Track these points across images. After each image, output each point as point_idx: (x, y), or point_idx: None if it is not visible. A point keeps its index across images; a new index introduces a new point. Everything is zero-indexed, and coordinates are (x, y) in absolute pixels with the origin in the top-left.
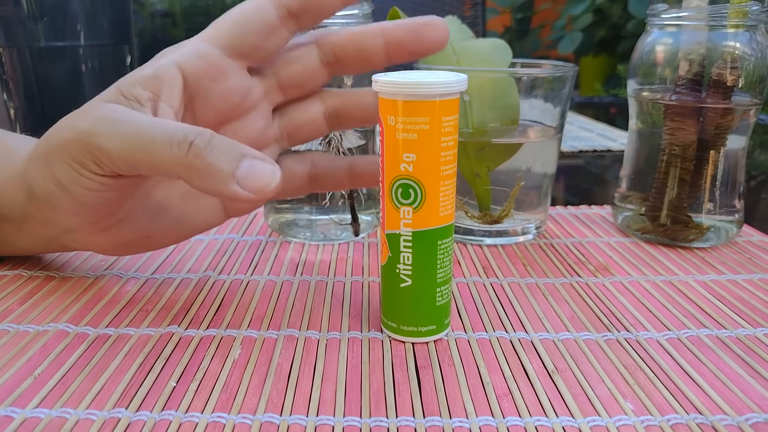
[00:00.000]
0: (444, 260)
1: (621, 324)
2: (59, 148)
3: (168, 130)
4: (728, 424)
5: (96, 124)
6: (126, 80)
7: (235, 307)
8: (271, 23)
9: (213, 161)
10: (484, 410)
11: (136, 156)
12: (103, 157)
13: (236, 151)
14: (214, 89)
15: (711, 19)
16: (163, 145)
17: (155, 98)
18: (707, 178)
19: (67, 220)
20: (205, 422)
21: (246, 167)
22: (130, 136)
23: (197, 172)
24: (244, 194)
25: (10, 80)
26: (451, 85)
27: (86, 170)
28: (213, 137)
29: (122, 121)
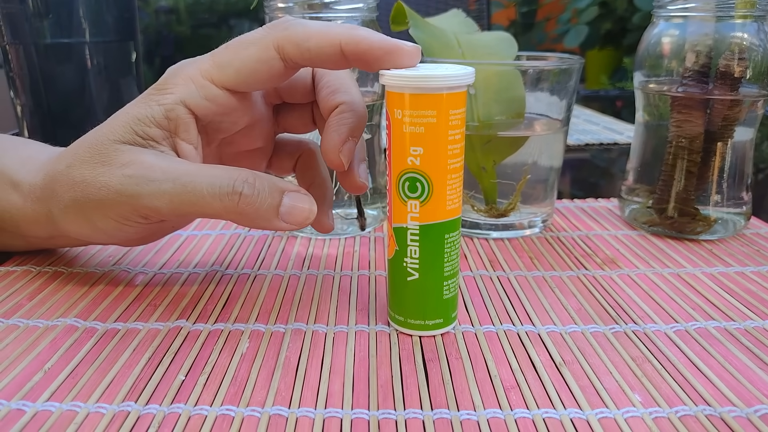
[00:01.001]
0: (451, 254)
1: (628, 316)
2: (99, 205)
3: (213, 183)
4: (737, 416)
5: (136, 185)
6: (137, 119)
7: (242, 302)
8: (277, 73)
9: (260, 205)
10: (492, 403)
11: (186, 209)
12: (155, 215)
13: (277, 188)
14: (225, 121)
15: (718, 9)
16: (212, 199)
17: (171, 136)
18: (714, 171)
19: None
20: (214, 415)
21: (288, 203)
22: (177, 194)
23: (247, 216)
24: (289, 227)
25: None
26: (459, 78)
27: (131, 221)
28: (256, 181)
29: (163, 179)
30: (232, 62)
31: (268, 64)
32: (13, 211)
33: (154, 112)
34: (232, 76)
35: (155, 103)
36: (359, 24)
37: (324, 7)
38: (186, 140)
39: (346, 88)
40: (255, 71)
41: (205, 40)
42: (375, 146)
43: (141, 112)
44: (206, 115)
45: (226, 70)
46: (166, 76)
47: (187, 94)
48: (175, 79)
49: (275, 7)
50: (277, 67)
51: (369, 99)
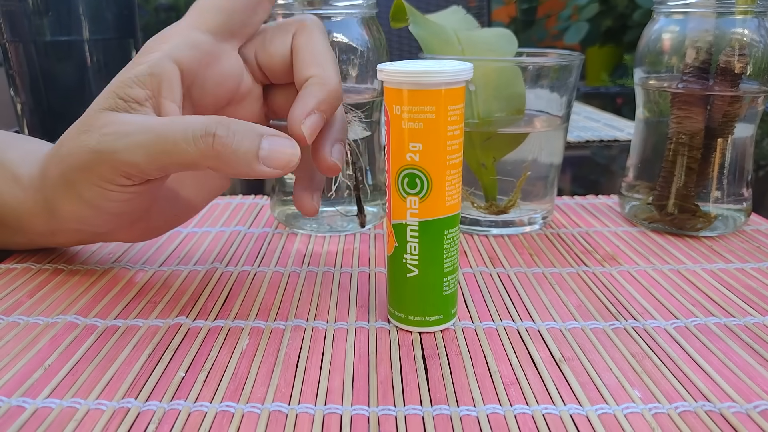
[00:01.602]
0: (451, 250)
1: (628, 313)
2: (81, 170)
3: (186, 128)
4: (736, 412)
5: (112, 142)
6: (120, 81)
7: (242, 299)
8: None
9: (237, 147)
10: (492, 399)
11: (163, 160)
12: (133, 170)
13: (255, 132)
14: (211, 76)
15: (718, 5)
16: (186, 144)
17: (155, 95)
18: (715, 167)
19: (99, 228)
20: (214, 411)
21: (267, 147)
22: (151, 143)
23: (225, 159)
24: (270, 171)
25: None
26: (457, 73)
27: (115, 185)
28: (230, 123)
29: (137, 131)
30: (213, 3)
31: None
32: (15, 204)
33: (137, 72)
34: (213, 15)
35: (139, 63)
36: (359, 20)
37: (323, 4)
38: (169, 98)
39: (320, 62)
40: (234, 5)
41: None
42: (374, 143)
43: (125, 75)
44: (191, 65)
45: (208, 12)
46: (151, 39)
47: (173, 46)
48: (161, 38)
49: (275, 3)
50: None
51: (368, 96)
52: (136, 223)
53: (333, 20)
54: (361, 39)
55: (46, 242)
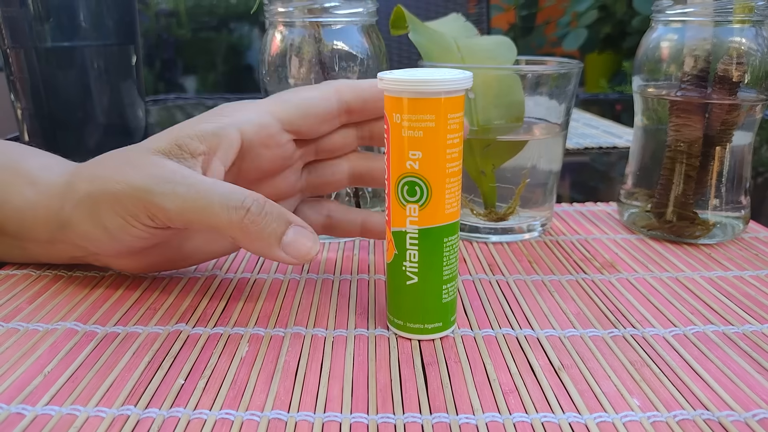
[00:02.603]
0: (450, 257)
1: (627, 320)
2: (112, 199)
3: (225, 195)
4: (735, 420)
5: (153, 183)
6: (184, 131)
7: (242, 306)
8: (331, 114)
9: (264, 227)
10: (491, 407)
11: (193, 216)
12: (161, 215)
13: (284, 218)
14: (265, 155)
15: (716, 14)
16: (221, 209)
17: (210, 153)
18: (713, 175)
19: (100, 251)
20: (214, 419)
21: (291, 235)
22: (190, 198)
23: (249, 235)
24: (287, 259)
25: (17, 81)
26: (457, 82)
27: (139, 222)
28: (266, 204)
29: (180, 182)
30: (293, 98)
31: (325, 100)
32: (23, 207)
33: (202, 128)
34: (291, 108)
35: (207, 122)
36: (359, 28)
37: (324, 12)
38: (220, 160)
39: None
40: (312, 107)
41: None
42: (374, 150)
43: (189, 128)
44: (253, 140)
45: (287, 104)
46: (227, 104)
47: (245, 118)
48: (235, 107)
49: (275, 11)
50: (332, 105)
51: None
52: (134, 256)
53: (333, 28)
54: (361, 47)
55: (41, 253)
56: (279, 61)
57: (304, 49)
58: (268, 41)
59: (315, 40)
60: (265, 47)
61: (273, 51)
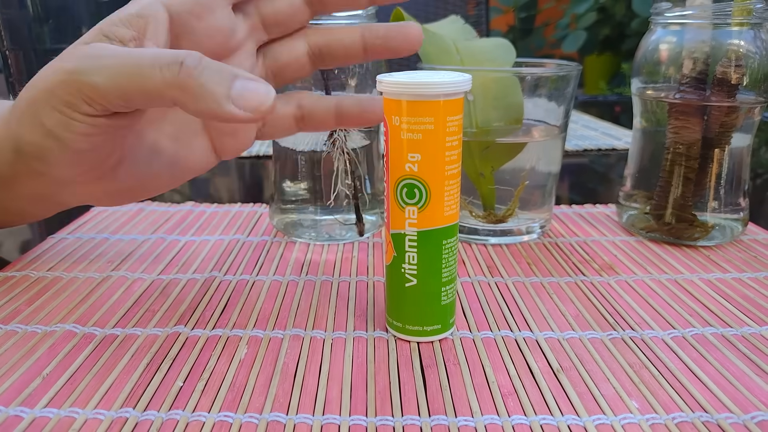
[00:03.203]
0: (449, 260)
1: (626, 323)
2: (46, 93)
3: (155, 54)
4: (734, 423)
5: (82, 63)
6: (108, 20)
7: (240, 307)
8: None
9: (206, 81)
10: (490, 409)
11: (126, 86)
12: (94, 93)
13: (228, 71)
14: (200, 27)
15: (715, 17)
16: (152, 69)
17: (140, 37)
18: (712, 177)
19: (61, 171)
20: (212, 422)
21: (240, 86)
22: (118, 66)
23: (191, 93)
24: (240, 114)
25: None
26: (456, 84)
27: (77, 112)
28: (202, 58)
29: (108, 55)
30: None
31: None
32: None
33: (127, 13)
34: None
35: (131, 5)
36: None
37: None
38: (152, 40)
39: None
40: None
41: None
42: (373, 151)
43: (114, 15)
44: (181, 11)
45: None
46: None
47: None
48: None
49: None
50: None
51: None
52: (104, 178)
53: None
54: None
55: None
56: None
57: None
58: None
59: None
60: None
61: None
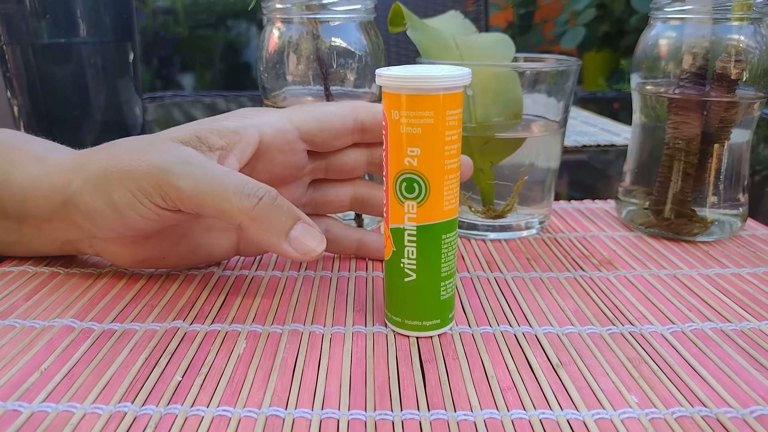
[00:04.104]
0: (448, 254)
1: (625, 318)
2: (127, 175)
3: (240, 182)
4: (733, 417)
5: (172, 163)
6: (205, 126)
7: (239, 302)
8: (346, 130)
9: (274, 218)
10: (489, 404)
11: (206, 199)
12: (174, 194)
13: (294, 213)
14: (279, 160)
15: (715, 12)
16: (234, 195)
17: (227, 149)
18: (711, 172)
19: (101, 232)
20: (211, 416)
21: (299, 230)
22: (205, 180)
23: (258, 225)
24: (292, 253)
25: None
26: (455, 78)
27: (149, 201)
28: (278, 197)
29: (198, 166)
30: (313, 110)
31: (342, 117)
32: (26, 184)
33: (224, 126)
34: (309, 119)
35: (230, 121)
36: (357, 25)
37: (322, 9)
38: (236, 157)
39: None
40: (329, 121)
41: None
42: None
43: (210, 123)
44: (270, 142)
45: (306, 114)
46: (250, 108)
47: (265, 121)
48: (257, 111)
49: (273, 8)
50: (348, 123)
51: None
52: (129, 245)
53: (331, 24)
54: (360, 43)
55: (36, 235)
56: (277, 58)
57: (302, 46)
58: (265, 38)
59: (313, 36)
60: (262, 44)
61: (271, 48)
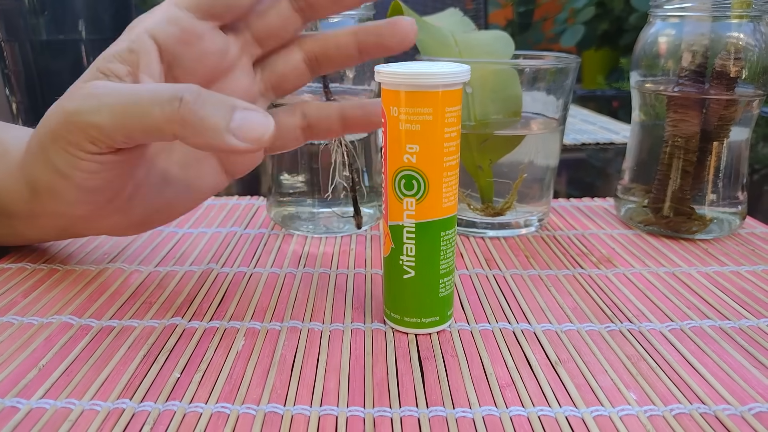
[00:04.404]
0: (447, 251)
1: (624, 315)
2: (52, 135)
3: (154, 90)
4: (731, 414)
5: (82, 103)
6: (102, 57)
7: (238, 299)
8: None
9: (205, 115)
10: (488, 400)
11: (128, 123)
12: (96, 132)
13: (227, 103)
14: (191, 54)
15: (714, 9)
16: (152, 106)
17: (134, 71)
18: (710, 170)
19: (76, 209)
20: (209, 412)
21: (239, 118)
22: (118, 105)
23: (192, 127)
24: (240, 145)
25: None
26: (455, 75)
27: (83, 151)
28: (201, 91)
29: (107, 93)
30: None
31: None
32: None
33: (119, 48)
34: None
35: (122, 40)
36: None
37: None
38: (147, 73)
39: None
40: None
41: None
42: (371, 144)
43: (108, 51)
44: (168, 42)
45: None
46: (137, 18)
47: (152, 23)
48: (143, 16)
49: None
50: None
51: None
52: (115, 212)
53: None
54: None
55: (29, 229)
56: None
57: None
58: None
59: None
60: None
61: None
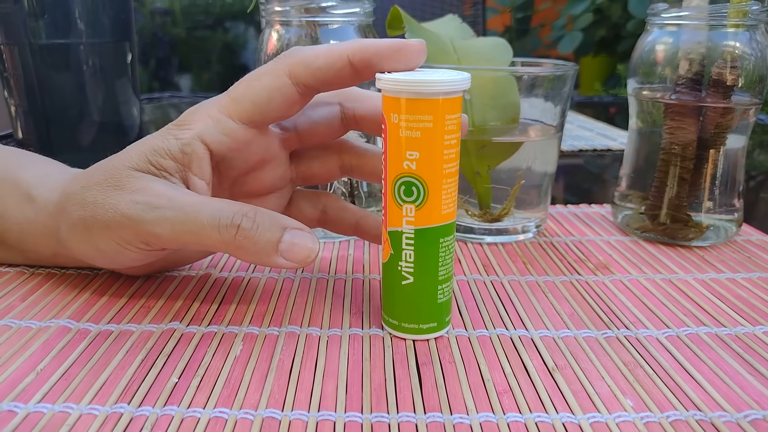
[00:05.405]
0: (446, 258)
1: (621, 322)
2: (104, 225)
3: (214, 214)
4: (727, 421)
5: (141, 211)
6: (153, 149)
7: (236, 304)
8: (292, 99)
9: (259, 239)
10: (485, 407)
11: (186, 239)
12: (154, 240)
13: (278, 224)
14: (238, 156)
15: (711, 18)
16: (212, 230)
17: (184, 170)
18: (707, 177)
19: (99, 266)
20: (207, 417)
21: (288, 240)
22: (179, 222)
23: (245, 250)
24: (287, 264)
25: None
26: (455, 83)
27: (134, 247)
28: (257, 215)
29: (167, 207)
30: (247, 94)
31: (281, 90)
32: (24, 225)
33: (170, 145)
34: (248, 107)
35: (173, 137)
36: (355, 28)
37: (321, 11)
38: (198, 175)
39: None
40: (270, 100)
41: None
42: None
43: (158, 144)
44: (221, 150)
45: (242, 103)
46: (186, 113)
47: (205, 129)
48: (194, 116)
49: (272, 11)
50: (290, 93)
51: None
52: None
53: (330, 28)
54: None
55: (43, 262)
56: None
57: None
58: (264, 40)
59: (311, 39)
60: (261, 46)
61: (269, 50)
